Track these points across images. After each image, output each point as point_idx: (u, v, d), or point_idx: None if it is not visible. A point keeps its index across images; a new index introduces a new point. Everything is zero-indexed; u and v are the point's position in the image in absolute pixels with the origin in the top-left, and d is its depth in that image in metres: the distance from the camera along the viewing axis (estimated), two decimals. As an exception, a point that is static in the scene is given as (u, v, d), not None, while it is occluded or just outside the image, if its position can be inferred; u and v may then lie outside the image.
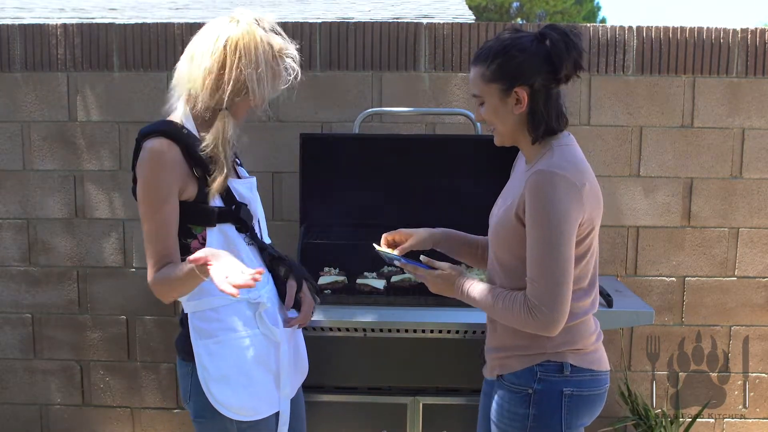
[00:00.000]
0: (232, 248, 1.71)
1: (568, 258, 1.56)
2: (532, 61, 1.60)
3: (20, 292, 3.16)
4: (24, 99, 3.06)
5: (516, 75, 1.61)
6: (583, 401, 1.71)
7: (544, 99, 1.63)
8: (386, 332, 2.31)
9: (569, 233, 1.56)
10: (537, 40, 1.62)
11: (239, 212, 1.73)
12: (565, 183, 1.56)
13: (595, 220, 1.65)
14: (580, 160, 1.65)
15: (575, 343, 1.69)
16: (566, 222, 1.55)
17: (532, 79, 1.61)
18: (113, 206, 3.09)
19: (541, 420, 1.68)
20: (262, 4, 5.51)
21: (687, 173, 3.02)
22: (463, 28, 3.00)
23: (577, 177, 1.59)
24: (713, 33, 2.96)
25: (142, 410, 3.22)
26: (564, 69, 1.61)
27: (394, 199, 2.68)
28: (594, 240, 1.68)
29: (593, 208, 1.63)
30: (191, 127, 1.69)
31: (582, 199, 1.58)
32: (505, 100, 1.64)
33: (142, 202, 1.63)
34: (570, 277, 1.57)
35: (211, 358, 1.69)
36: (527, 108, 1.63)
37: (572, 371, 1.68)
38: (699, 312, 3.08)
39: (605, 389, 1.77)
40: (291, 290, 1.81)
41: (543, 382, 1.68)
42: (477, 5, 15.25)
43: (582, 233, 1.61)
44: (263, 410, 1.76)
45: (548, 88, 1.63)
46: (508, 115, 1.65)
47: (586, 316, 1.71)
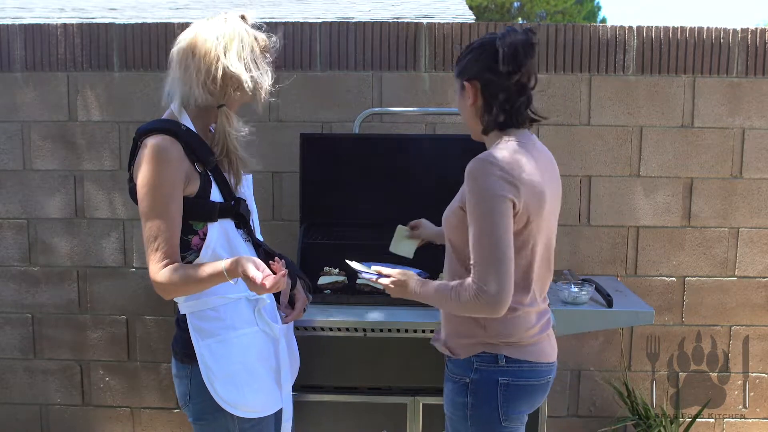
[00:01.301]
0: (231, 244, 1.73)
1: (504, 237, 1.62)
2: (480, 58, 1.72)
3: (20, 292, 3.16)
4: (24, 99, 3.06)
5: (465, 71, 1.75)
6: (520, 391, 1.76)
7: (493, 93, 1.72)
8: (386, 332, 2.31)
9: (502, 213, 1.62)
10: (493, 39, 1.72)
11: (239, 207, 1.75)
12: (496, 170, 1.63)
13: (531, 214, 1.68)
14: (522, 155, 1.69)
15: (510, 336, 1.74)
16: (500, 203, 1.61)
17: (478, 74, 1.72)
18: (113, 206, 3.09)
19: (479, 408, 1.75)
20: (262, 4, 5.51)
21: (687, 173, 3.02)
22: (463, 28, 3.00)
23: (512, 167, 1.65)
24: (713, 33, 2.96)
25: (142, 410, 3.22)
26: (504, 66, 1.68)
27: (394, 199, 2.68)
28: (533, 236, 1.71)
29: (529, 199, 1.66)
30: (189, 125, 1.70)
31: (515, 187, 1.63)
32: (462, 93, 1.77)
33: (145, 200, 1.63)
34: (509, 255, 1.62)
35: (215, 357, 1.70)
36: (479, 101, 1.74)
37: (507, 362, 1.74)
38: (699, 312, 3.08)
39: (546, 380, 1.81)
40: (286, 287, 1.82)
41: (479, 372, 1.75)
42: (477, 5, 15.25)
43: (517, 224, 1.66)
44: (270, 406, 1.78)
45: (497, 83, 1.70)
46: (464, 107, 1.78)
47: (523, 310, 1.74)
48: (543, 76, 2.98)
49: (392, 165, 2.75)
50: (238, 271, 1.55)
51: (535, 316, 1.78)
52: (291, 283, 1.85)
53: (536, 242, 1.72)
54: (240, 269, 1.54)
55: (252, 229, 1.83)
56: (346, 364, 2.38)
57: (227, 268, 1.56)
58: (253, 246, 1.83)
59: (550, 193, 1.73)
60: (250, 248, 1.80)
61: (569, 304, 2.42)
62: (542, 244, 1.76)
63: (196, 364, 1.72)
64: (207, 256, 1.69)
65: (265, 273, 1.52)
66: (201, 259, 1.69)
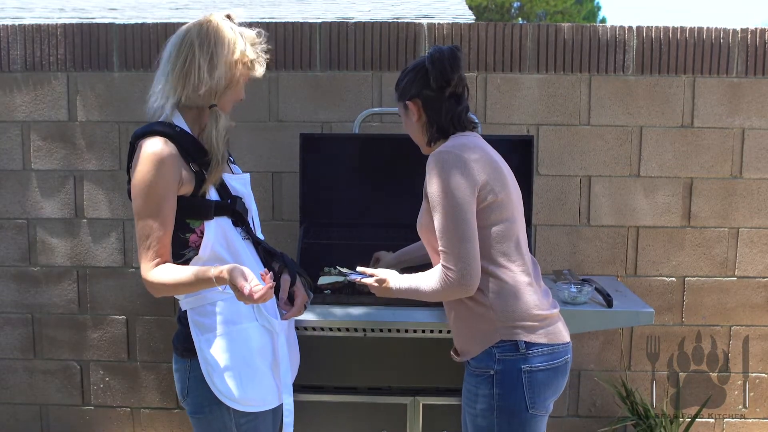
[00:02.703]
0: (229, 241, 1.74)
1: (465, 220, 1.73)
2: (415, 78, 1.88)
3: (20, 292, 3.17)
4: (24, 99, 3.06)
5: (405, 92, 1.91)
6: (542, 376, 1.80)
7: (433, 107, 1.87)
8: (386, 332, 2.31)
9: (462, 199, 1.73)
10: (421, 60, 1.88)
11: (235, 205, 1.77)
12: (450, 157, 1.77)
13: (495, 186, 1.79)
14: (470, 141, 1.84)
15: (522, 317, 1.79)
16: (457, 189, 1.73)
17: (416, 93, 1.88)
18: (113, 206, 3.10)
19: (506, 398, 1.79)
20: (262, 4, 5.52)
21: (687, 173, 3.02)
22: (463, 28, 3.00)
23: (463, 150, 1.78)
24: (713, 33, 2.96)
25: (142, 410, 3.22)
26: (434, 81, 1.84)
27: (394, 199, 2.68)
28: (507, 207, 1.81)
29: (490, 175, 1.78)
30: (183, 126, 1.73)
31: (469, 167, 1.76)
32: (407, 113, 1.92)
33: (138, 200, 1.66)
34: (471, 233, 1.73)
35: (215, 351, 1.72)
36: (422, 118, 1.89)
37: (527, 347, 1.79)
38: (699, 312, 3.08)
39: (565, 360, 1.86)
40: (285, 284, 1.84)
41: (502, 362, 1.79)
42: (477, 5, 15.24)
43: (484, 198, 1.77)
44: (268, 401, 1.79)
45: (435, 98, 1.86)
46: (411, 126, 1.94)
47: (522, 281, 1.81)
48: (543, 76, 2.98)
49: (392, 165, 2.75)
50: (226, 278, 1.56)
51: (538, 293, 1.85)
52: (291, 280, 1.85)
53: (512, 213, 1.83)
54: (229, 277, 1.55)
55: (251, 227, 1.84)
56: (346, 364, 2.38)
57: (216, 275, 1.58)
58: (253, 244, 1.84)
59: (507, 172, 1.87)
60: (249, 246, 1.82)
61: (569, 304, 2.41)
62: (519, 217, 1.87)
63: (195, 358, 1.73)
64: (206, 253, 1.71)
65: (254, 283, 1.53)
66: (200, 256, 1.71)
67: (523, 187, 1.96)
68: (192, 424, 1.80)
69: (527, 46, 2.98)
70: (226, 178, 1.79)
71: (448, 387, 2.42)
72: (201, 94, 1.69)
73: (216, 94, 1.71)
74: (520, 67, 2.98)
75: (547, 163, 3.02)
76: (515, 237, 1.83)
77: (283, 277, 1.85)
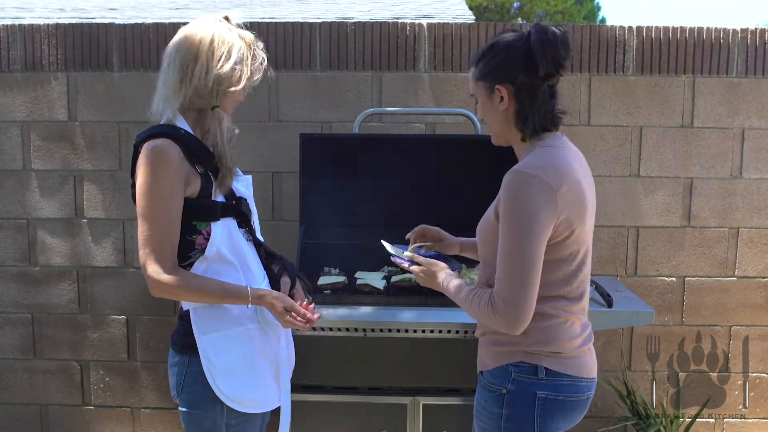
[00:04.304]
0: (234, 243, 1.75)
1: (534, 259, 1.55)
2: (511, 60, 1.61)
3: (20, 292, 3.16)
4: (24, 99, 3.06)
5: (497, 73, 1.63)
6: (558, 406, 1.67)
7: (529, 97, 1.63)
8: (386, 332, 2.31)
9: (537, 234, 1.54)
10: (521, 39, 1.62)
11: (240, 206, 1.78)
12: (537, 182, 1.55)
13: (575, 222, 1.60)
14: (562, 161, 1.62)
15: (550, 345, 1.66)
16: (535, 222, 1.53)
17: (513, 77, 1.62)
18: (113, 206, 3.09)
19: (514, 421, 1.67)
20: (262, 4, 5.51)
21: (687, 173, 3.02)
22: (463, 28, 3.00)
23: (553, 177, 1.56)
24: (713, 33, 2.96)
25: (142, 410, 3.22)
26: (542, 68, 1.59)
27: (394, 199, 2.68)
28: (579, 245, 1.64)
29: (572, 210, 1.59)
30: (186, 128, 1.72)
31: (556, 200, 1.55)
32: (490, 97, 1.66)
33: (144, 202, 1.65)
34: (535, 278, 1.56)
35: (217, 351, 1.72)
36: (512, 105, 1.64)
37: (548, 374, 1.66)
38: (699, 312, 3.08)
39: (587, 396, 1.72)
40: (284, 287, 1.85)
41: (517, 383, 1.67)
42: (477, 5, 15.24)
43: (559, 235, 1.59)
44: (268, 403, 1.81)
45: (532, 86, 1.62)
46: (495, 112, 1.67)
47: (570, 319, 1.68)
48: (543, 76, 2.98)
49: (392, 165, 2.75)
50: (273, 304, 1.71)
51: (579, 326, 1.71)
52: (290, 283, 1.86)
53: (580, 249, 1.66)
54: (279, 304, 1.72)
55: (253, 229, 1.85)
56: (346, 364, 2.38)
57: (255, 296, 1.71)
58: (255, 246, 1.84)
59: (589, 195, 1.67)
60: (251, 248, 1.82)
61: (569, 304, 2.41)
62: (586, 250, 1.70)
63: (193, 354, 1.73)
64: (212, 254, 1.71)
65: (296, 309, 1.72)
66: (206, 257, 1.71)
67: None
68: (182, 419, 1.80)
69: (527, 46, 2.97)
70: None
71: (448, 387, 2.42)
72: (203, 96, 1.69)
73: (217, 95, 1.70)
74: (520, 67, 2.98)
75: (547, 163, 3.01)
76: (583, 274, 1.67)
77: (282, 280, 1.87)
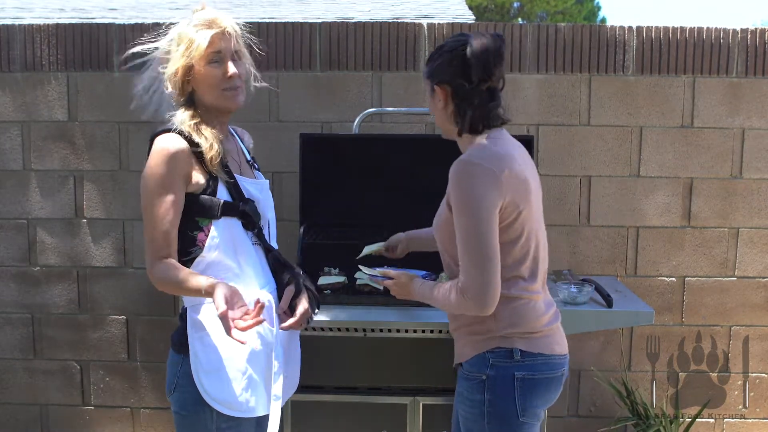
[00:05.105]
0: (235, 244, 1.73)
1: (489, 238, 1.66)
2: (450, 64, 1.74)
3: (20, 292, 3.16)
4: (24, 99, 3.06)
5: (436, 74, 1.77)
6: (536, 384, 1.78)
7: (465, 99, 1.75)
8: (386, 332, 2.31)
9: (488, 215, 1.66)
10: (461, 45, 1.74)
11: (245, 207, 1.76)
12: (480, 169, 1.67)
13: (520, 204, 1.72)
14: (502, 150, 1.74)
15: (521, 326, 1.76)
16: (483, 207, 1.66)
17: (450, 80, 1.75)
18: (113, 206, 3.09)
19: (496, 404, 1.77)
20: (262, 4, 5.52)
21: (687, 173, 3.02)
22: (463, 28, 3.00)
23: (494, 164, 1.69)
24: (713, 33, 2.96)
25: (141, 410, 3.22)
26: (475, 74, 1.72)
27: (394, 199, 2.68)
28: (527, 226, 1.75)
29: (516, 193, 1.71)
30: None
31: (500, 183, 1.67)
32: (432, 96, 1.81)
33: (144, 195, 1.68)
34: (494, 256, 1.67)
35: (205, 349, 1.70)
36: (449, 105, 1.78)
37: (523, 356, 1.76)
38: (699, 312, 3.08)
39: (561, 373, 1.83)
40: (288, 294, 1.81)
41: (495, 368, 1.77)
42: (477, 5, 15.24)
43: (508, 217, 1.71)
44: (255, 409, 1.75)
45: (467, 89, 1.74)
46: (435, 109, 1.82)
47: (532, 298, 1.78)
48: (543, 76, 2.98)
49: (392, 165, 2.75)
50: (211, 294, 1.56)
51: (543, 304, 1.82)
52: (294, 292, 1.82)
53: (532, 229, 1.77)
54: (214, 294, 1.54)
55: (263, 233, 1.82)
56: (346, 364, 2.38)
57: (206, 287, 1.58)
58: (264, 251, 1.82)
59: (533, 180, 1.79)
60: (258, 252, 1.80)
61: (569, 304, 2.41)
62: (538, 230, 1.81)
63: (188, 353, 1.73)
64: (210, 253, 1.70)
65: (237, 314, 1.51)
66: (204, 255, 1.70)
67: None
68: (174, 420, 1.78)
69: (527, 46, 2.98)
70: (241, 181, 1.78)
71: (448, 387, 2.41)
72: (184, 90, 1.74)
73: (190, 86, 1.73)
74: (520, 67, 2.98)
75: (547, 163, 3.02)
76: (531, 252, 1.78)
77: (287, 288, 1.83)
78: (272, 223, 1.91)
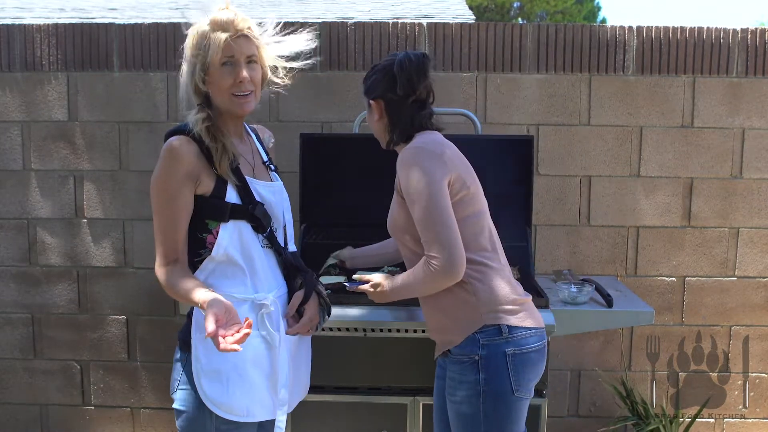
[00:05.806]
0: (244, 246, 1.72)
1: (443, 207, 1.77)
2: (382, 80, 1.92)
3: (20, 292, 3.16)
4: (24, 99, 3.06)
5: (371, 90, 1.95)
6: (526, 359, 1.85)
7: (396, 111, 1.92)
8: (386, 332, 2.31)
9: (438, 189, 1.78)
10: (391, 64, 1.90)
11: (254, 210, 1.74)
12: (423, 152, 1.83)
13: (467, 180, 1.86)
14: (438, 138, 1.90)
15: (499, 298, 1.84)
16: (433, 180, 1.78)
17: (382, 95, 1.92)
18: (113, 206, 3.09)
19: (491, 382, 1.82)
20: (262, 4, 5.51)
21: (687, 173, 3.02)
22: (463, 28, 3.00)
23: (434, 146, 1.85)
24: (713, 33, 2.96)
25: (142, 410, 3.22)
26: (400, 88, 1.88)
27: (394, 199, 2.68)
28: (478, 203, 1.88)
29: (462, 170, 1.86)
30: None
31: (443, 160, 1.82)
32: (370, 110, 1.98)
33: (153, 197, 1.68)
34: (452, 222, 1.77)
35: (207, 350, 1.68)
36: (384, 117, 1.94)
37: (510, 331, 1.83)
38: (699, 312, 3.08)
39: (543, 344, 1.90)
40: (296, 299, 1.81)
41: (487, 347, 1.83)
42: (477, 5, 15.24)
43: (458, 192, 1.83)
44: (256, 413, 1.74)
45: (397, 102, 1.91)
46: (373, 122, 1.99)
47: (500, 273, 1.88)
48: (543, 76, 2.98)
49: (392, 165, 2.74)
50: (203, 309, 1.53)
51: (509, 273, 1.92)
52: (303, 298, 1.82)
53: (484, 209, 1.90)
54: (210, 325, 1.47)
55: (275, 236, 1.80)
56: (346, 364, 2.38)
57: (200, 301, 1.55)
58: (276, 254, 1.81)
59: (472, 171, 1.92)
60: (268, 255, 1.79)
61: (569, 304, 2.41)
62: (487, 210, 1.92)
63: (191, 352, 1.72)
64: (218, 255, 1.70)
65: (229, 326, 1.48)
66: (212, 257, 1.70)
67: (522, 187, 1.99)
68: (175, 417, 1.77)
69: (527, 46, 2.98)
70: (252, 183, 1.77)
71: (448, 387, 2.42)
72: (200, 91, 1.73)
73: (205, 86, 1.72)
74: (520, 67, 2.98)
75: (547, 163, 3.02)
76: (488, 228, 1.90)
77: (296, 293, 1.82)
78: (289, 225, 1.89)
